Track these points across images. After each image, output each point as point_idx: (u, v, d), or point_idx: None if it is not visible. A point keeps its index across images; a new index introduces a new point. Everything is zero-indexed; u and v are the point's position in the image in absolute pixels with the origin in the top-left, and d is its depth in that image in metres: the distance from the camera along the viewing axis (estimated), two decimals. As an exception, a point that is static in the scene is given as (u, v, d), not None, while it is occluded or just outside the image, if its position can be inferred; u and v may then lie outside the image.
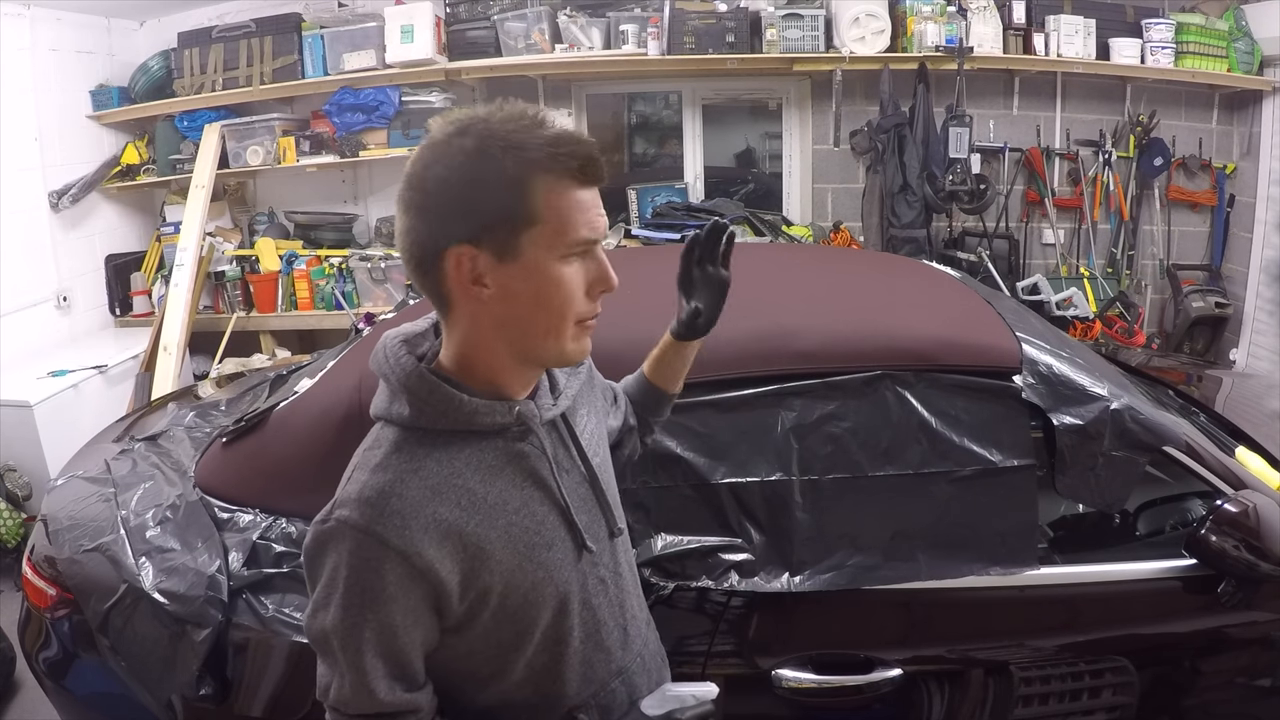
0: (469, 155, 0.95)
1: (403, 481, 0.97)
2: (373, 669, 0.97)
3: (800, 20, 4.21)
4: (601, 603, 1.13)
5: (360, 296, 4.61)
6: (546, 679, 1.09)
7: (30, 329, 4.12)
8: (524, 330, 1.01)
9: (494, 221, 0.96)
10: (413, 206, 0.99)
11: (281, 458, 1.80)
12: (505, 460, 1.04)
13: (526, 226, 0.96)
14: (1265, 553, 1.63)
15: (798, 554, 1.66)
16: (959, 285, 2.28)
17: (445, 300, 1.01)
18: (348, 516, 0.95)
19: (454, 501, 0.98)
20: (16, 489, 3.49)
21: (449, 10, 4.40)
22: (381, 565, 0.94)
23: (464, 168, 0.95)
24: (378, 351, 1.06)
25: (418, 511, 0.96)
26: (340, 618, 0.96)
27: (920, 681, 1.68)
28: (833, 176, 4.74)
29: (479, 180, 0.95)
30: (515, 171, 0.95)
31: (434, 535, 0.96)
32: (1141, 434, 1.73)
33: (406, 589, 0.95)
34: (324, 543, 0.97)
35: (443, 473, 0.99)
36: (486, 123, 0.97)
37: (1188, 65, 4.38)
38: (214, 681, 1.60)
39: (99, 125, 4.56)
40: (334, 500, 0.98)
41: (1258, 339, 4.52)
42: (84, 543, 1.78)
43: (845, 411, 1.70)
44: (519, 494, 1.04)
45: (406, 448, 1.00)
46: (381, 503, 0.95)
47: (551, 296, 0.99)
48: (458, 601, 0.99)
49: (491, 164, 0.95)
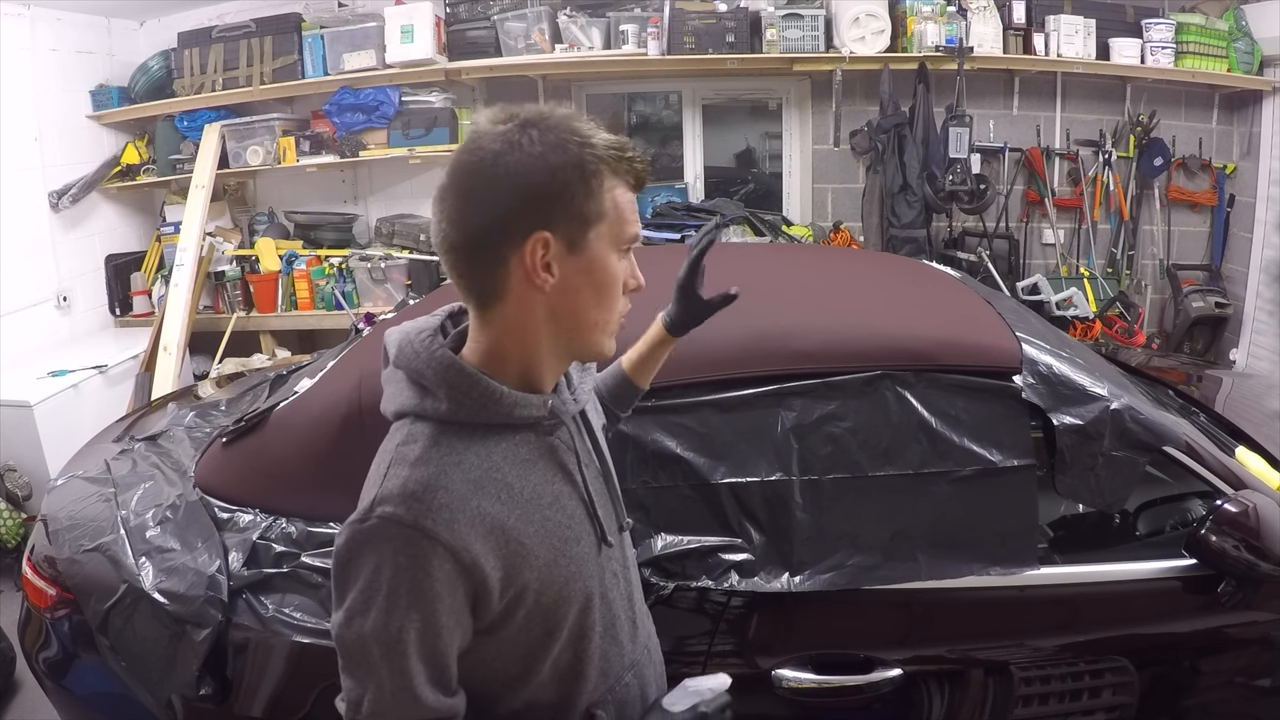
0: (549, 146, 0.95)
1: (446, 475, 0.95)
2: (416, 673, 0.94)
3: (800, 20, 4.21)
4: (616, 596, 1.13)
5: (360, 296, 4.61)
6: (570, 677, 1.08)
7: (30, 329, 4.12)
8: (576, 322, 1.02)
9: (570, 212, 0.97)
10: (476, 193, 0.96)
11: (281, 458, 1.80)
12: (539, 454, 1.04)
13: (596, 220, 0.98)
14: (1265, 553, 1.63)
15: (798, 554, 1.66)
16: (959, 285, 2.28)
17: (498, 290, 0.99)
18: (393, 513, 0.92)
19: (495, 495, 0.98)
20: (16, 489, 3.49)
21: (449, 10, 4.41)
22: (429, 561, 0.92)
23: (543, 157, 0.95)
24: (405, 348, 1.04)
25: (464, 505, 0.95)
26: (384, 621, 0.92)
27: (920, 681, 1.68)
28: (833, 176, 4.74)
29: (559, 170, 0.95)
30: (592, 165, 0.97)
31: (479, 530, 0.95)
32: (1141, 434, 1.73)
33: (453, 586, 0.93)
34: (363, 543, 0.93)
35: (483, 466, 0.98)
36: (553, 118, 0.97)
37: (1188, 65, 4.38)
38: (214, 681, 1.60)
39: (99, 125, 4.56)
40: (372, 499, 0.95)
41: (1258, 339, 4.52)
42: (84, 543, 1.78)
43: (845, 411, 1.70)
44: (551, 488, 1.04)
45: (445, 441, 0.98)
46: (429, 497, 0.93)
47: (606, 292, 1.02)
48: (497, 599, 0.97)
49: (570, 155, 0.96)
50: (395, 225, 4.63)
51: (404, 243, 4.57)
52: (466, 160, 0.97)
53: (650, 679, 1.21)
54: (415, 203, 4.84)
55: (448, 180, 0.98)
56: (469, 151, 0.97)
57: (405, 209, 4.83)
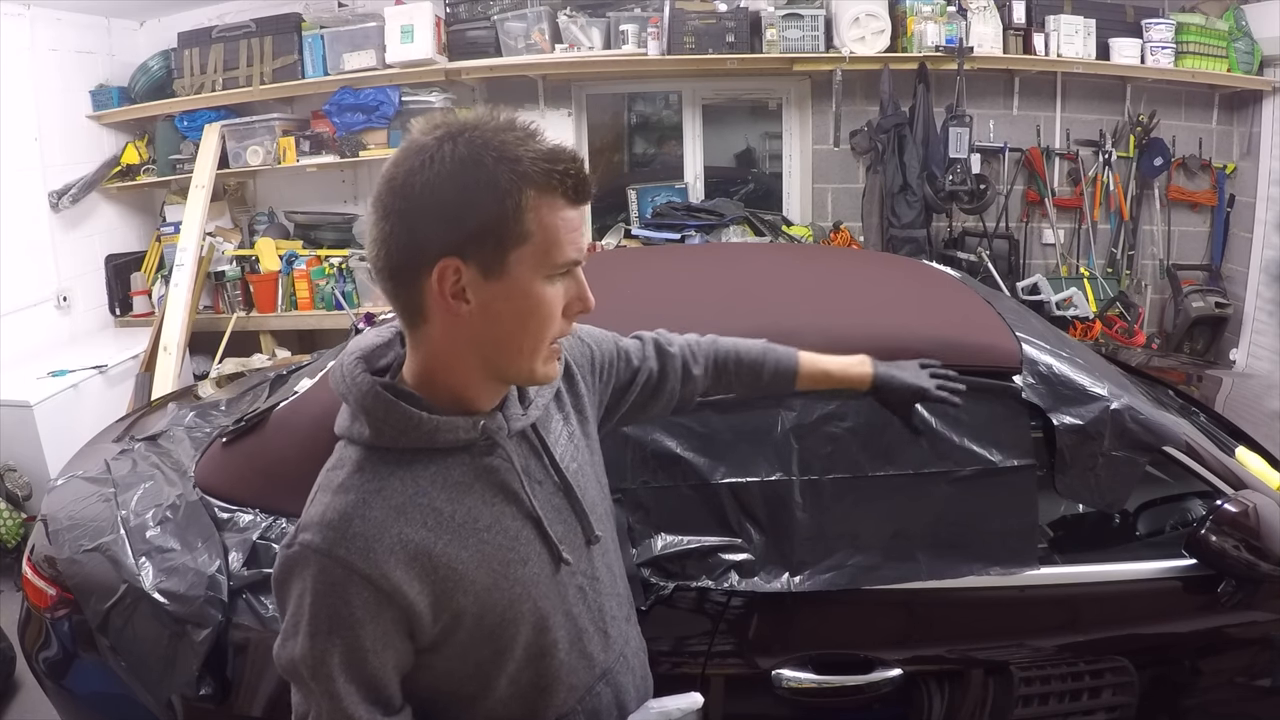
0: (461, 163, 0.90)
1: (365, 503, 0.94)
2: (346, 694, 0.94)
3: (800, 20, 4.21)
4: (581, 611, 1.10)
5: (360, 296, 4.61)
6: (533, 694, 1.06)
7: (30, 329, 4.12)
8: (499, 349, 0.97)
9: (483, 235, 0.91)
10: (393, 212, 0.92)
11: (281, 458, 1.79)
12: (473, 476, 1.00)
13: (516, 244, 0.92)
14: (1265, 553, 1.63)
15: (798, 554, 1.66)
16: (959, 285, 2.28)
17: (419, 313, 0.96)
18: (310, 540, 0.93)
19: (420, 521, 0.95)
20: (16, 489, 3.49)
21: (449, 10, 4.41)
22: (346, 589, 0.92)
23: (454, 175, 0.90)
24: (335, 369, 1.03)
25: (382, 533, 0.93)
26: (309, 645, 0.93)
27: (920, 681, 1.68)
28: (833, 176, 4.74)
29: (470, 190, 0.90)
30: (508, 184, 0.90)
31: (400, 557, 0.93)
32: (1141, 434, 1.73)
33: (375, 613, 0.93)
34: (289, 569, 0.95)
35: (407, 492, 0.96)
36: (478, 130, 0.92)
37: (1188, 65, 4.38)
38: (214, 681, 1.60)
39: (99, 125, 4.56)
40: (298, 524, 0.96)
41: (1258, 339, 4.52)
42: (84, 543, 1.78)
43: (845, 411, 1.70)
44: (489, 510, 1.00)
45: (369, 467, 0.97)
46: (344, 525, 0.93)
47: (531, 318, 0.96)
48: (431, 623, 0.96)
49: (484, 173, 0.90)
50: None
51: (404, 243, 4.57)
52: (388, 174, 0.93)
53: (627, 685, 1.17)
54: (415, 203, 4.84)
55: (373, 194, 0.95)
56: (393, 164, 0.94)
57: (405, 209, 4.83)
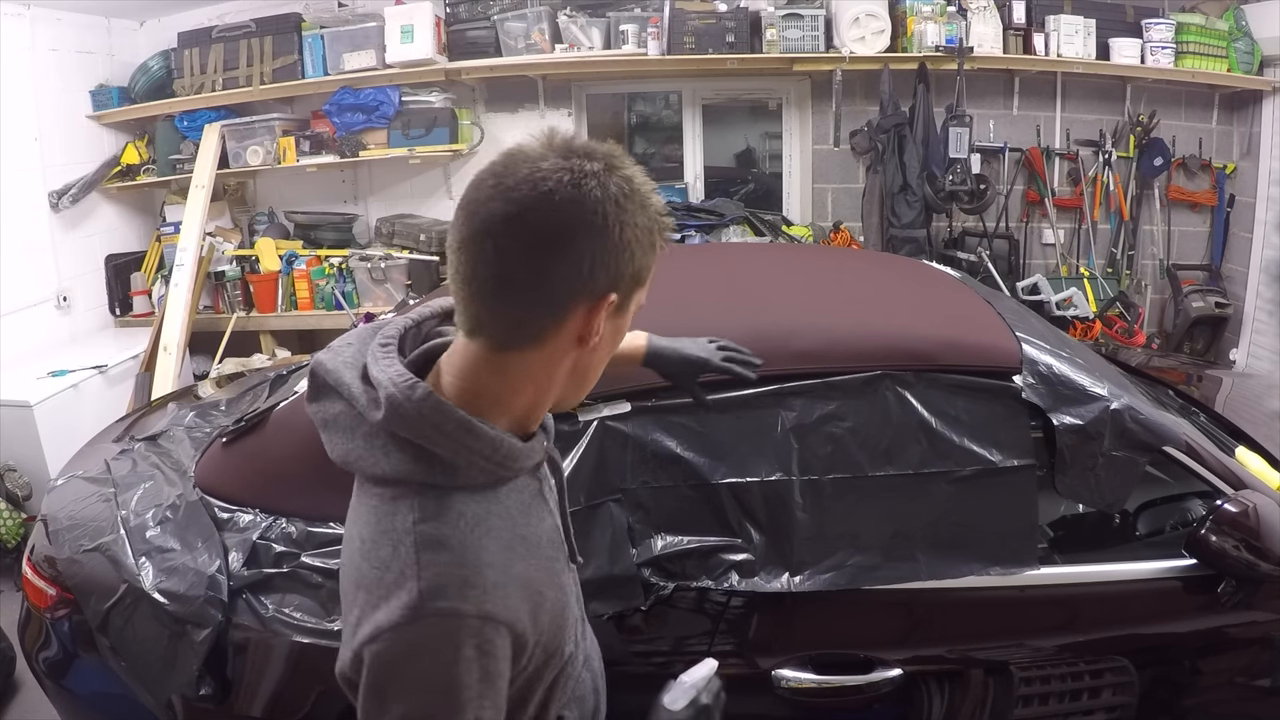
0: (629, 199, 0.89)
1: (483, 547, 0.88)
2: None
3: (800, 20, 4.21)
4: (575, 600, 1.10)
5: (360, 296, 4.61)
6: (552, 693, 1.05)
7: (30, 329, 4.12)
8: (583, 377, 0.98)
9: (638, 274, 0.91)
10: (551, 238, 0.86)
11: (281, 458, 1.80)
12: (531, 495, 0.99)
13: (644, 284, 0.94)
14: (1265, 553, 1.63)
15: (798, 554, 1.66)
16: (959, 285, 2.28)
17: (533, 338, 0.90)
18: (451, 607, 0.84)
19: (522, 554, 0.93)
20: (16, 489, 3.49)
21: (449, 10, 4.41)
22: (494, 644, 0.86)
23: (630, 213, 0.88)
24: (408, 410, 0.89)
25: (508, 577, 0.89)
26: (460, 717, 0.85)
27: (920, 681, 1.68)
28: (833, 176, 4.74)
29: (639, 229, 0.89)
30: (660, 229, 0.92)
31: (523, 595, 0.90)
32: (1141, 434, 1.73)
33: (512, 660, 0.89)
34: (418, 645, 0.84)
35: (506, 526, 0.92)
36: (625, 168, 0.91)
37: (1188, 65, 4.38)
38: (214, 681, 1.60)
39: (99, 125, 4.56)
40: (416, 595, 0.84)
41: (1258, 339, 4.52)
42: (84, 543, 1.78)
43: (845, 411, 1.70)
44: (543, 526, 1.00)
45: (458, 506, 0.90)
46: (480, 579, 0.86)
47: (611, 351, 0.98)
48: (529, 654, 0.93)
49: (645, 218, 0.90)
50: (395, 225, 4.63)
51: (404, 243, 4.57)
52: (539, 188, 0.85)
53: (597, 669, 1.20)
54: (415, 203, 4.85)
55: (509, 203, 0.85)
56: (539, 178, 0.85)
57: (405, 209, 4.83)
